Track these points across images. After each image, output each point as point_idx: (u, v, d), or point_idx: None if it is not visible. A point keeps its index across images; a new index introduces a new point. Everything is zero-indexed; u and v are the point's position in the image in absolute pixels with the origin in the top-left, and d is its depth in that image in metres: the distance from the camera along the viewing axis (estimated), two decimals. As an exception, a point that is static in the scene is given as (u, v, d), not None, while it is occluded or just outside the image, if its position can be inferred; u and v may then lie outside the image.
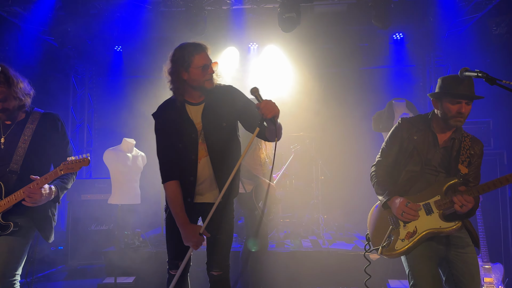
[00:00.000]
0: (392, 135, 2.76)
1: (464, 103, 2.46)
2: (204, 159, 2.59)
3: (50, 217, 2.86)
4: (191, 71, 2.48)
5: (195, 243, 2.48)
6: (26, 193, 2.59)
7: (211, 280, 2.76)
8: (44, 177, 2.65)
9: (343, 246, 5.20)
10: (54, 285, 5.49)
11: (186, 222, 2.52)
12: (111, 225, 5.93)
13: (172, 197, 2.56)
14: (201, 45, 2.53)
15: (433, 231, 2.46)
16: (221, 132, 2.60)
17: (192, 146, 2.57)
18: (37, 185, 2.63)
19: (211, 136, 2.58)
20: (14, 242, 2.65)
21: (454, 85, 2.47)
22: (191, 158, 2.57)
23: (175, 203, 2.55)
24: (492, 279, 3.97)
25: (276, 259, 4.86)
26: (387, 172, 2.74)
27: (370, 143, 6.87)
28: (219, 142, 2.60)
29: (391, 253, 2.52)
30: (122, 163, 5.06)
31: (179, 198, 2.55)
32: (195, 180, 2.59)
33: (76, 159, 2.70)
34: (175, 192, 2.56)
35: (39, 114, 2.87)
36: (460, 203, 2.35)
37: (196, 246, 2.49)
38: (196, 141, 2.57)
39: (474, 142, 2.60)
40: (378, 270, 4.61)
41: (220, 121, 2.60)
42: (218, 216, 2.60)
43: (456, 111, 2.46)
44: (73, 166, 2.68)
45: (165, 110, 2.65)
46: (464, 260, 2.48)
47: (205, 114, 2.59)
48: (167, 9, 6.32)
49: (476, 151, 2.58)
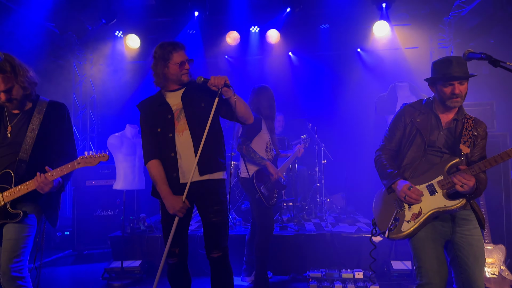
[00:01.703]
0: (394, 121, 2.78)
1: (457, 83, 2.48)
2: (186, 132, 2.83)
3: (55, 204, 2.90)
4: (170, 67, 2.81)
5: (179, 210, 2.71)
6: (39, 184, 2.62)
7: (212, 263, 2.86)
8: (60, 168, 2.68)
9: (346, 229, 5.24)
10: (61, 269, 5.58)
11: (169, 193, 2.76)
12: (116, 211, 5.99)
13: (154, 173, 2.82)
14: (178, 44, 2.86)
15: (438, 210, 2.49)
16: (200, 109, 2.85)
17: (168, 125, 2.83)
18: (52, 176, 2.66)
19: (190, 112, 2.85)
20: (23, 229, 2.69)
21: (443, 68, 2.50)
22: (169, 136, 2.82)
23: (157, 178, 2.80)
24: (494, 259, 4.02)
25: (280, 242, 4.91)
26: (391, 156, 2.77)
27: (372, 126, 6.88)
28: (199, 118, 2.83)
29: (398, 235, 2.56)
30: (126, 148, 5.08)
31: (161, 173, 2.80)
32: (175, 155, 2.82)
33: (95, 155, 2.77)
34: (157, 169, 2.81)
35: (46, 103, 2.88)
36: (460, 183, 2.39)
37: (180, 213, 2.73)
38: (172, 121, 2.84)
39: (477, 123, 2.61)
40: (381, 252, 4.66)
41: (199, 101, 2.88)
42: (208, 197, 2.84)
43: (450, 93, 2.50)
44: (92, 161, 2.76)
45: (146, 101, 2.97)
46: (469, 242, 2.50)
47: (185, 95, 2.90)
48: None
49: (480, 132, 2.58)
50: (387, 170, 2.68)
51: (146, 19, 6.90)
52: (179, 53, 2.83)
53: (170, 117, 2.85)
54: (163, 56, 2.81)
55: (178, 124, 2.84)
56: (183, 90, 2.91)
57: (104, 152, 2.81)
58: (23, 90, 2.73)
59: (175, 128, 2.84)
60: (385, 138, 2.81)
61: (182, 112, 2.85)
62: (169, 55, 2.80)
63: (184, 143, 2.82)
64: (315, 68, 7.93)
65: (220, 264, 2.85)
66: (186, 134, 2.82)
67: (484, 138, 2.61)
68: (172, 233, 2.74)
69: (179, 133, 2.83)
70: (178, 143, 2.82)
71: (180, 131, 2.84)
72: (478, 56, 2.21)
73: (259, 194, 4.05)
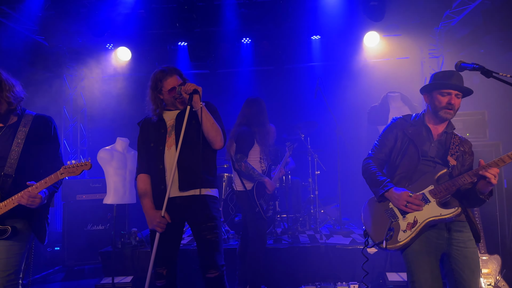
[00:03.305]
0: (385, 132, 2.80)
1: (454, 95, 2.55)
2: (173, 147, 2.83)
3: (44, 220, 2.84)
4: (164, 93, 2.89)
5: (157, 224, 2.69)
6: (26, 198, 2.57)
7: (208, 284, 2.75)
8: (44, 180, 2.64)
9: (340, 240, 5.20)
10: (51, 286, 5.45)
11: (150, 207, 2.78)
12: (107, 225, 5.89)
13: (139, 187, 2.87)
14: (168, 71, 2.89)
15: (434, 219, 2.46)
16: (188, 126, 2.82)
17: (161, 139, 2.87)
18: (36, 188, 2.61)
19: (179, 128, 2.82)
20: (13, 247, 2.63)
21: (445, 78, 2.58)
22: (159, 149, 2.85)
23: (141, 191, 2.85)
24: (490, 270, 3.99)
25: (273, 255, 4.85)
26: (380, 165, 2.78)
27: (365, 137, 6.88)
28: (186, 134, 2.78)
29: (395, 245, 2.51)
30: (117, 162, 5.01)
31: (146, 187, 2.85)
32: (163, 168, 2.81)
33: (78, 163, 2.71)
34: (143, 183, 2.86)
35: (32, 117, 2.83)
36: (491, 175, 2.33)
37: (159, 228, 2.70)
38: (164, 136, 2.87)
39: (463, 141, 2.69)
40: (376, 264, 4.62)
41: (191, 119, 2.86)
42: (199, 213, 2.77)
43: (446, 102, 2.56)
44: (75, 170, 2.71)
45: (147, 119, 3.01)
46: (464, 255, 2.48)
47: (180, 113, 2.92)
48: (159, 6, 6.26)
49: (466, 148, 2.66)
50: (378, 177, 2.65)
51: (137, 32, 6.88)
52: (167, 81, 2.86)
53: (163, 132, 2.89)
54: (155, 85, 2.88)
55: (169, 139, 2.87)
56: (181, 110, 2.95)
57: (87, 160, 2.75)
58: (7, 105, 2.69)
59: (166, 142, 2.86)
60: (375, 147, 2.82)
61: (174, 128, 2.88)
62: (160, 84, 2.87)
63: (171, 157, 2.82)
64: (307, 79, 7.94)
65: (217, 286, 2.74)
66: (172, 149, 2.83)
67: (472, 156, 2.68)
68: (154, 251, 2.70)
69: (168, 148, 2.85)
70: (167, 157, 2.83)
71: (169, 146, 2.85)
72: (471, 67, 2.24)
73: (258, 208, 4.09)
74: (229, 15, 6.28)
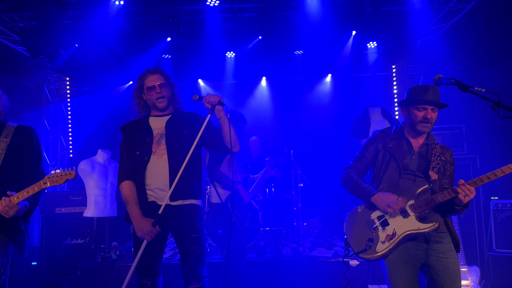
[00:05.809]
0: (366, 145, 2.83)
1: (430, 109, 2.59)
2: (164, 157, 2.77)
3: (24, 232, 2.76)
4: (145, 92, 2.87)
5: (147, 233, 2.59)
6: (2, 206, 2.50)
7: None
8: (25, 190, 2.57)
9: (323, 253, 5.21)
10: (27, 302, 5.30)
11: (139, 215, 2.68)
12: (86, 239, 5.77)
13: (125, 194, 2.77)
14: (151, 70, 2.90)
15: (412, 233, 2.51)
16: (182, 137, 2.82)
17: (146, 148, 2.80)
18: (18, 199, 2.55)
19: (171, 138, 2.81)
20: None
21: (420, 93, 2.61)
22: (144, 159, 2.78)
23: (128, 198, 2.75)
24: (469, 281, 4.04)
25: (257, 268, 4.83)
26: (360, 175, 2.81)
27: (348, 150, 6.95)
28: (179, 144, 2.79)
29: (373, 256, 2.56)
30: (98, 174, 4.95)
31: (133, 194, 2.75)
32: (147, 178, 2.77)
33: (62, 172, 2.65)
34: (129, 190, 2.76)
35: (13, 128, 2.79)
36: (464, 193, 2.40)
37: (148, 236, 2.60)
38: (150, 145, 2.80)
39: (444, 149, 2.72)
40: (358, 275, 4.63)
41: (183, 129, 2.85)
42: (184, 224, 2.74)
43: (422, 117, 2.59)
44: (58, 179, 2.64)
45: (131, 124, 2.96)
46: (445, 265, 2.52)
47: (170, 121, 2.89)
48: (143, 19, 6.27)
49: (447, 157, 2.69)
50: (361, 185, 2.69)
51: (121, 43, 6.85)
52: (149, 78, 2.86)
53: (149, 140, 2.82)
54: (138, 85, 2.89)
55: (157, 147, 2.80)
56: (169, 116, 2.92)
57: (71, 169, 2.68)
58: None
59: (153, 152, 2.79)
60: (356, 158, 2.86)
61: (164, 137, 2.82)
62: (142, 81, 2.86)
63: (160, 167, 2.75)
64: (290, 93, 8.02)
65: None
66: (164, 159, 2.77)
67: (453, 164, 2.71)
68: (138, 257, 2.61)
69: (158, 157, 2.78)
70: (154, 166, 2.76)
71: (159, 155, 2.78)
72: (448, 81, 2.30)
73: (234, 218, 4.02)
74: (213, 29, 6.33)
